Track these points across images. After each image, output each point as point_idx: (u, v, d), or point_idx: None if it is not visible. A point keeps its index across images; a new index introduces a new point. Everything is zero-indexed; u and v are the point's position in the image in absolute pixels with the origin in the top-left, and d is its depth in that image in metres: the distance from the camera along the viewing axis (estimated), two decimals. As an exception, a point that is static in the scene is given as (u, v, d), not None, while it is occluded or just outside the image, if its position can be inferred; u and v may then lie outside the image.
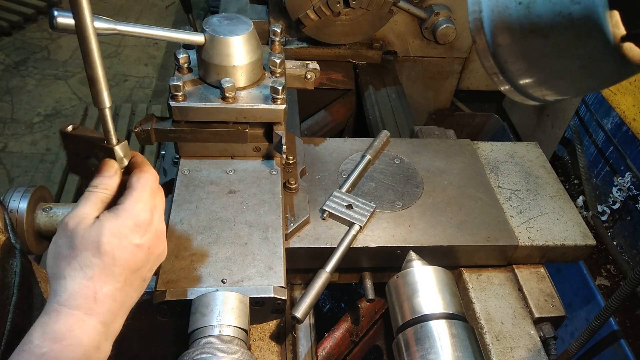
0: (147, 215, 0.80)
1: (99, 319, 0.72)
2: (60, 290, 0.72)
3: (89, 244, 0.74)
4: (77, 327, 0.70)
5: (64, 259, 0.74)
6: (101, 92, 0.75)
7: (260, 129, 1.21)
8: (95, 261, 0.73)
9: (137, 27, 1.00)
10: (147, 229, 0.79)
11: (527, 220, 1.28)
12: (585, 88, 0.81)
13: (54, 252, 0.75)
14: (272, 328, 1.14)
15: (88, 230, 0.74)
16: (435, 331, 1.04)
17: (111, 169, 0.81)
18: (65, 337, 0.69)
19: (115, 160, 0.82)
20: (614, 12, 0.63)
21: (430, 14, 2.28)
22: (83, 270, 0.73)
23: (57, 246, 0.75)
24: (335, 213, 1.20)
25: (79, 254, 0.73)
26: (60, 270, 0.73)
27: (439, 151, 1.45)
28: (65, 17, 0.82)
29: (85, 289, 0.72)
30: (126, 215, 0.77)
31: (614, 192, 1.99)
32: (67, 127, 0.85)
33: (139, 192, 0.80)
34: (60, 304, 0.71)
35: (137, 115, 3.84)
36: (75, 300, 0.71)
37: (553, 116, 2.48)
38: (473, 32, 0.78)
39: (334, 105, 2.27)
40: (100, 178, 0.81)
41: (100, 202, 0.79)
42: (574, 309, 1.83)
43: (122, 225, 0.76)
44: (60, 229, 0.76)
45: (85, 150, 0.85)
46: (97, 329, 0.72)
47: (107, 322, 0.73)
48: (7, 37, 4.76)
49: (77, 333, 0.69)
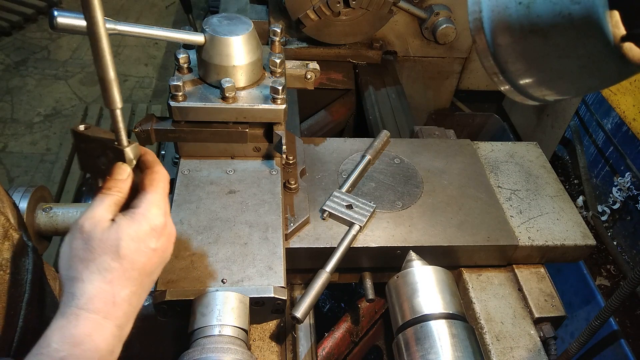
0: (162, 219, 0.80)
1: (116, 322, 0.73)
2: (79, 293, 0.72)
3: (107, 247, 0.74)
4: (96, 331, 0.70)
5: (80, 261, 0.74)
6: (112, 93, 0.75)
7: (260, 129, 1.21)
8: (115, 265, 0.74)
9: (137, 27, 1.00)
10: (162, 232, 0.80)
11: (527, 220, 1.28)
12: (585, 88, 0.81)
13: (68, 254, 0.75)
14: (272, 328, 1.14)
15: (106, 234, 0.74)
16: (435, 331, 1.04)
17: (123, 172, 0.82)
18: (84, 341, 0.69)
19: (125, 162, 0.83)
20: (614, 12, 0.63)
21: (430, 14, 2.28)
22: (102, 273, 0.73)
23: (72, 248, 0.75)
24: (335, 213, 1.20)
25: (97, 257, 0.73)
26: (78, 272, 0.73)
27: (439, 151, 1.45)
28: (65, 17, 0.82)
29: (104, 293, 0.73)
30: (143, 219, 0.78)
31: (614, 192, 1.99)
32: (79, 126, 0.86)
33: (152, 195, 0.80)
34: (79, 307, 0.71)
35: (137, 115, 3.84)
36: (94, 304, 0.71)
37: (553, 116, 2.48)
38: (473, 32, 0.78)
39: (334, 105, 2.27)
40: (113, 181, 0.81)
41: (114, 204, 0.79)
42: (574, 309, 1.83)
43: (139, 230, 0.77)
44: (74, 231, 0.76)
45: (96, 149, 0.85)
46: (113, 333, 0.73)
47: (122, 326, 0.74)
48: (7, 37, 4.76)
49: (95, 338, 0.70)
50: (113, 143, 0.82)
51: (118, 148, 0.81)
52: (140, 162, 0.85)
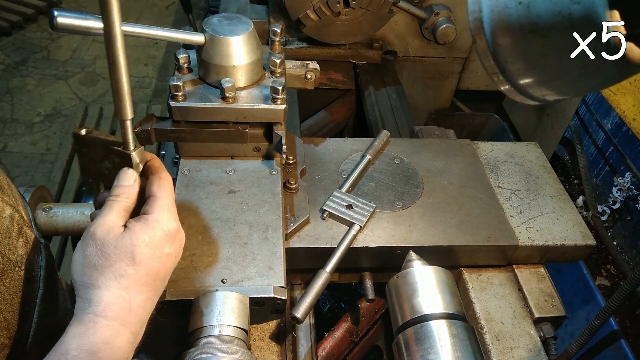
0: (175, 224, 0.81)
1: (131, 329, 0.74)
2: (96, 299, 0.72)
3: (122, 254, 0.74)
4: (113, 339, 0.71)
5: (95, 268, 0.74)
6: (125, 104, 0.75)
7: (260, 129, 1.21)
8: (130, 271, 0.74)
9: (137, 27, 1.00)
10: (175, 237, 0.81)
11: (527, 220, 1.28)
12: (585, 88, 0.81)
13: (81, 261, 0.75)
14: (272, 328, 1.14)
15: (120, 240, 0.75)
16: (435, 331, 1.04)
17: (130, 178, 0.82)
18: (101, 349, 0.70)
19: (131, 166, 0.83)
20: (614, 12, 0.63)
21: (430, 14, 2.28)
22: (118, 280, 0.73)
23: (86, 255, 0.75)
24: (335, 213, 1.20)
25: (113, 264, 0.74)
26: (93, 279, 0.73)
27: (439, 151, 1.45)
28: (65, 17, 0.82)
29: (121, 300, 0.73)
30: (157, 225, 0.78)
31: (614, 192, 1.99)
32: (81, 130, 0.86)
33: (163, 200, 0.81)
34: (96, 314, 0.71)
35: (137, 115, 3.82)
36: (112, 311, 0.72)
37: (553, 116, 2.48)
38: (473, 32, 0.78)
39: (334, 105, 2.27)
40: (120, 187, 0.81)
41: (123, 210, 0.80)
42: (574, 309, 1.83)
43: (154, 236, 0.77)
44: (87, 238, 0.76)
45: (99, 154, 0.85)
46: (129, 339, 0.73)
47: (136, 332, 0.75)
48: (7, 37, 4.76)
49: (112, 345, 0.71)
50: (118, 146, 0.82)
51: (124, 152, 0.81)
52: (146, 167, 0.86)
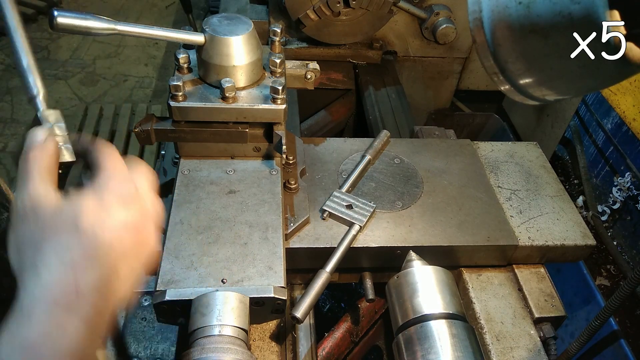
0: (130, 188, 0.67)
1: (82, 316, 0.59)
2: (32, 282, 0.58)
3: (62, 222, 0.61)
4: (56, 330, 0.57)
5: (30, 246, 0.61)
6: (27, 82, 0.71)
7: (260, 129, 1.21)
8: (73, 242, 0.60)
9: (137, 27, 1.00)
10: (132, 202, 0.66)
11: (527, 220, 1.28)
12: (585, 88, 0.81)
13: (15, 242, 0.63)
14: (272, 328, 1.14)
15: (58, 207, 0.62)
16: (435, 331, 1.04)
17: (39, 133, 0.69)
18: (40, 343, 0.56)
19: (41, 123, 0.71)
20: (614, 12, 0.63)
21: (430, 14, 2.28)
22: (59, 255, 0.59)
23: (18, 235, 0.62)
24: (335, 213, 1.19)
25: (51, 236, 0.60)
26: (28, 258, 0.60)
27: (439, 151, 1.45)
28: (65, 17, 0.82)
29: (63, 277, 0.58)
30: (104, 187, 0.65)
31: (614, 192, 1.99)
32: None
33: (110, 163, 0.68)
34: (33, 300, 0.58)
35: (137, 115, 3.84)
36: (52, 294, 0.58)
37: (553, 116, 2.48)
38: (473, 32, 0.78)
39: (334, 105, 2.27)
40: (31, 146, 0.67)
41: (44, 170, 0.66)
42: (574, 309, 1.83)
43: (101, 199, 0.64)
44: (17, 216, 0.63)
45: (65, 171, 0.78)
46: (79, 330, 0.58)
47: (90, 321, 0.59)
48: (7, 37, 4.76)
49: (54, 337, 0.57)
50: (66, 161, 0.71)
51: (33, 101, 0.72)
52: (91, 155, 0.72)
